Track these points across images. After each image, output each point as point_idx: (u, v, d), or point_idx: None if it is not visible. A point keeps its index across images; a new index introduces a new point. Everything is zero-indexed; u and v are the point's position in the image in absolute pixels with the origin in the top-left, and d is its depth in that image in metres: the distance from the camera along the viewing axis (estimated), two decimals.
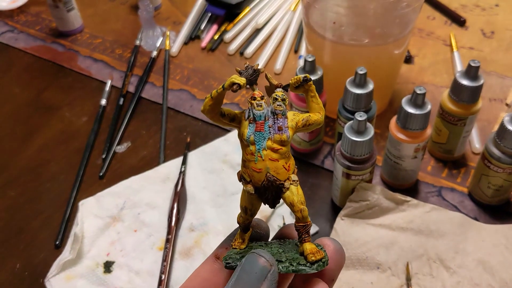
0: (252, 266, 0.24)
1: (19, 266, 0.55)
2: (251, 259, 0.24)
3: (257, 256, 0.24)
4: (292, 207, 0.26)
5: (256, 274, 0.24)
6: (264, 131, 0.26)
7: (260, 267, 0.24)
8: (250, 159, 0.26)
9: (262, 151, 0.25)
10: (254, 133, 0.26)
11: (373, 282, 0.50)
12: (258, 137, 0.26)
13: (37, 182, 0.64)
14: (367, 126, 0.51)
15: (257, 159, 0.25)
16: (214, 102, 0.25)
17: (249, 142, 0.26)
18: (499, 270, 0.50)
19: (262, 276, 0.24)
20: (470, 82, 0.54)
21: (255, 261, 0.24)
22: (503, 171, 0.53)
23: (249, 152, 0.26)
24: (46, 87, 0.79)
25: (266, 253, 0.25)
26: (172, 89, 0.76)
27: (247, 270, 0.24)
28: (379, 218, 0.55)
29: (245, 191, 0.26)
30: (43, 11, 0.95)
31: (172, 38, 0.85)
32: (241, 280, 0.24)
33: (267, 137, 0.26)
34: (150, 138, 0.68)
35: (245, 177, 0.26)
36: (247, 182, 0.26)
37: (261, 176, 0.26)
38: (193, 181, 0.61)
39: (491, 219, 0.56)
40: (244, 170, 0.26)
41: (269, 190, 0.26)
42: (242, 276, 0.24)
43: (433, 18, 0.86)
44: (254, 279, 0.24)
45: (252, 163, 0.26)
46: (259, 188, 0.26)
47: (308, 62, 0.56)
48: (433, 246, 0.52)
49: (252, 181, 0.26)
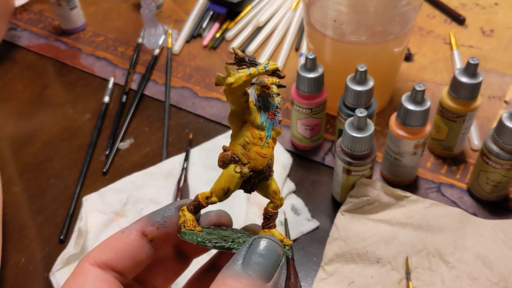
0: (271, 253, 0.24)
1: (24, 260, 0.56)
2: (270, 246, 0.24)
3: (275, 244, 0.25)
4: (275, 195, 0.28)
5: (275, 262, 0.24)
6: (273, 121, 0.27)
7: (278, 254, 0.24)
8: (257, 143, 0.26)
9: (269, 139, 0.27)
10: (266, 120, 0.27)
11: (373, 276, 0.51)
12: (268, 125, 0.27)
13: (41, 178, 0.65)
14: (368, 122, 0.52)
15: (265, 144, 0.27)
16: (249, 80, 0.26)
17: (260, 128, 0.27)
18: (497, 265, 0.51)
19: (277, 265, 0.24)
20: (469, 79, 0.55)
21: (274, 248, 0.24)
22: (502, 167, 0.53)
23: (257, 136, 0.26)
24: (49, 85, 0.79)
25: (279, 241, 0.25)
26: (174, 87, 0.76)
27: (266, 256, 0.24)
28: (379, 213, 0.55)
29: (236, 173, 0.26)
30: (46, 9, 0.95)
31: (174, 36, 0.85)
32: (259, 265, 0.24)
33: (272, 127, 0.27)
34: (152, 135, 0.69)
35: (243, 159, 0.26)
36: (242, 164, 0.26)
37: (264, 161, 0.27)
38: (195, 177, 0.62)
39: (489, 214, 0.57)
40: (244, 152, 0.26)
41: (259, 176, 0.27)
42: (259, 261, 0.24)
43: (433, 17, 0.87)
44: (271, 267, 0.24)
45: (258, 147, 0.26)
46: (256, 171, 0.27)
47: (309, 59, 0.57)
48: (432, 241, 0.53)
49: (250, 164, 0.26)
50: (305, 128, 0.62)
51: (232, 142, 0.27)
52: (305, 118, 0.61)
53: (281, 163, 0.62)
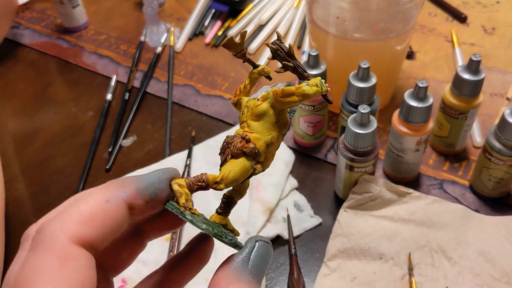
0: (269, 256, 0.25)
1: None
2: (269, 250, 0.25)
3: (271, 247, 0.25)
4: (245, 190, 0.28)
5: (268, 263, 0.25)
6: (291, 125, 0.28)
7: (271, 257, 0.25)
8: (277, 147, 0.26)
9: None
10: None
11: (376, 272, 0.51)
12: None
13: (44, 175, 0.65)
14: (370, 119, 0.52)
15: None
16: None
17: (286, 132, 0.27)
18: (499, 261, 0.51)
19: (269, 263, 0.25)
20: (471, 76, 0.55)
21: (271, 251, 0.25)
22: (504, 163, 0.53)
23: (281, 140, 0.27)
24: (51, 83, 0.79)
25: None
26: (177, 84, 0.77)
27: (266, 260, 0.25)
28: (382, 209, 0.56)
29: (251, 169, 0.25)
30: (48, 7, 0.96)
31: (176, 34, 0.85)
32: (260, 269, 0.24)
33: None
34: (155, 132, 0.69)
35: (261, 157, 0.25)
36: (259, 161, 0.26)
37: (269, 165, 0.27)
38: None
39: (491, 211, 0.57)
40: (265, 151, 0.25)
41: None
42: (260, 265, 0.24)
43: (435, 15, 0.87)
44: (266, 267, 0.25)
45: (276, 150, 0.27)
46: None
47: (311, 56, 0.57)
48: (434, 237, 0.53)
49: (263, 164, 0.26)
50: (308, 125, 0.62)
51: (256, 136, 0.25)
52: (308, 115, 0.61)
53: (284, 160, 0.62)
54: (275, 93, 0.25)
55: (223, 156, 0.26)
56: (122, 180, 0.24)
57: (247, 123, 0.26)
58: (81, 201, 0.22)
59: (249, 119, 0.26)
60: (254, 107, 0.26)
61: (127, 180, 0.24)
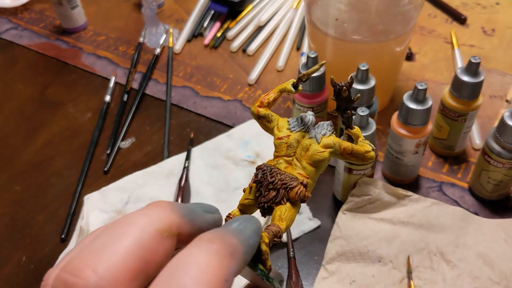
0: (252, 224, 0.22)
1: (25, 259, 0.56)
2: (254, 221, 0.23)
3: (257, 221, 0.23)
4: None
5: (253, 232, 0.22)
6: None
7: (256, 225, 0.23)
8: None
9: None
10: None
11: (375, 275, 0.51)
12: None
13: (42, 177, 0.65)
14: (369, 121, 0.52)
15: None
16: None
17: None
18: (498, 263, 0.51)
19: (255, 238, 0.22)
20: (470, 78, 0.55)
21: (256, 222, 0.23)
22: (503, 166, 0.53)
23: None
24: (50, 84, 0.79)
25: None
26: (176, 86, 0.76)
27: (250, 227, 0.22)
28: (381, 212, 0.55)
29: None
30: (47, 8, 0.95)
31: (175, 36, 0.85)
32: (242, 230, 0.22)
33: None
34: (154, 134, 0.69)
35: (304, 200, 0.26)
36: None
37: None
38: (197, 176, 0.62)
39: (491, 213, 0.57)
40: None
41: None
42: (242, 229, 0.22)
43: (434, 16, 0.87)
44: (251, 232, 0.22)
45: None
46: None
47: (310, 58, 0.57)
48: (434, 240, 0.53)
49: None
50: None
51: (311, 183, 0.26)
52: None
53: None
54: (343, 148, 0.26)
55: (275, 195, 0.25)
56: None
57: (302, 165, 0.26)
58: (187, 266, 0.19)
59: (305, 162, 0.26)
60: (315, 153, 0.25)
61: (224, 232, 0.21)
